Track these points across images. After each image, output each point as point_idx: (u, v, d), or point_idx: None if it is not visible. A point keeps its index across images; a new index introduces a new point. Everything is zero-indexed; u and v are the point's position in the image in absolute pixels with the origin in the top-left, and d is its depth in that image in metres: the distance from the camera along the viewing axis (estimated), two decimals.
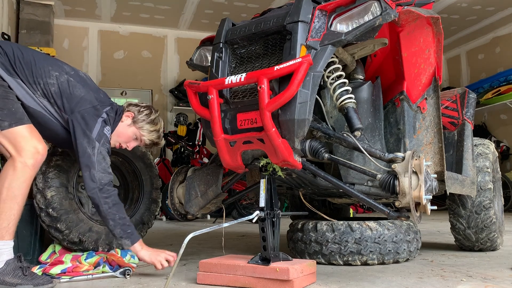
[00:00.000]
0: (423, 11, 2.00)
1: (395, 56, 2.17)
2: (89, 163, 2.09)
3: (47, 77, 2.12)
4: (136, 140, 2.40)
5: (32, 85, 2.08)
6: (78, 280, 2.05)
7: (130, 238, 2.12)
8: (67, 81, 2.17)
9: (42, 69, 2.11)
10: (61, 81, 2.15)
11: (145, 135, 2.37)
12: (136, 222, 2.73)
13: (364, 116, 2.12)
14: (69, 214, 2.39)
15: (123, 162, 2.79)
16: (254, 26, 1.97)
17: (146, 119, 2.36)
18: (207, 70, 2.25)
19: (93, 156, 2.10)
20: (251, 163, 2.03)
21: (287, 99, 1.73)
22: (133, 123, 2.35)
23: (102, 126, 2.17)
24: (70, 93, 2.15)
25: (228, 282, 1.89)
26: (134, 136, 2.37)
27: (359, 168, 1.95)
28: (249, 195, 5.42)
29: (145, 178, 2.83)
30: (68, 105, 2.14)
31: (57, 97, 2.13)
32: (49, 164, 2.40)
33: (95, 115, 2.17)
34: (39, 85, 2.09)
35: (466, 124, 2.84)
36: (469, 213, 2.75)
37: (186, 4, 7.25)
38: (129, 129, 2.35)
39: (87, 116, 2.14)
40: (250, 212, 2.13)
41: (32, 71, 2.09)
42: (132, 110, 2.37)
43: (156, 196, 2.87)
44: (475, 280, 1.95)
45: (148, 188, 2.83)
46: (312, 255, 2.40)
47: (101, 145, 2.14)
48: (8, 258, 1.90)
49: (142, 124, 2.35)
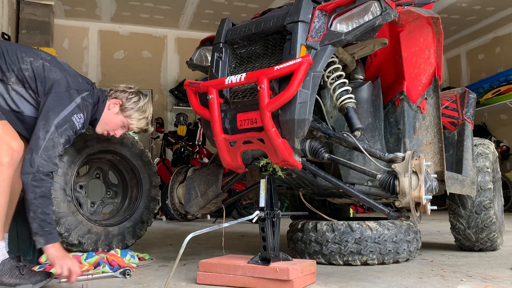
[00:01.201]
0: (423, 11, 2.00)
1: (395, 56, 2.17)
2: (34, 146, 1.96)
3: (21, 63, 2.05)
4: (124, 128, 2.33)
5: (5, 73, 2.01)
6: (78, 280, 2.04)
7: (45, 236, 1.91)
8: (42, 65, 2.09)
9: (15, 56, 2.05)
10: (36, 66, 2.07)
11: (133, 123, 2.30)
12: (135, 220, 2.72)
13: (364, 116, 2.12)
14: (68, 216, 2.39)
15: (120, 160, 2.78)
16: (254, 26, 1.97)
17: (134, 107, 2.28)
18: (207, 70, 2.25)
19: (42, 140, 1.97)
20: (251, 163, 2.03)
21: (287, 99, 1.73)
22: (121, 111, 2.27)
23: (71, 112, 2.06)
24: (44, 76, 2.06)
25: (228, 282, 1.89)
26: (122, 124, 2.30)
27: (359, 168, 1.94)
28: (249, 195, 5.42)
29: (144, 176, 2.81)
30: (41, 88, 2.05)
31: (31, 81, 2.05)
32: None
33: (68, 99, 2.07)
34: (13, 71, 2.02)
35: (466, 124, 2.84)
36: (469, 213, 2.75)
37: (186, 4, 7.25)
38: (117, 117, 2.27)
39: (57, 99, 2.04)
40: (250, 212, 2.13)
41: (5, 60, 2.02)
42: (120, 97, 2.28)
43: (155, 194, 2.85)
44: (475, 280, 1.95)
45: (147, 186, 2.81)
46: (312, 255, 2.40)
47: (59, 132, 2.01)
48: (3, 258, 1.88)
49: (131, 113, 2.28)
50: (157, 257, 2.71)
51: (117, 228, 2.65)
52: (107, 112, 2.26)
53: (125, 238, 2.64)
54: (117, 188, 2.89)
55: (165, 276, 2.11)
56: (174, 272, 1.72)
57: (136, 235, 2.72)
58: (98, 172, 2.82)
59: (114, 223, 2.67)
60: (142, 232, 2.76)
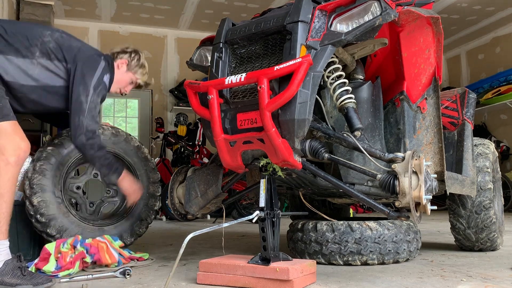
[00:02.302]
0: (423, 11, 2.00)
1: (395, 56, 2.17)
2: (79, 110, 2.20)
3: (42, 36, 2.21)
4: (131, 84, 2.60)
5: (29, 48, 2.15)
6: (78, 280, 2.05)
7: (116, 173, 2.38)
8: (61, 36, 2.28)
9: (35, 32, 2.21)
10: (56, 37, 2.26)
11: (139, 78, 2.60)
12: (133, 218, 2.69)
13: (364, 116, 2.12)
14: (58, 218, 2.39)
15: (116, 158, 2.70)
16: (254, 26, 1.97)
17: (138, 64, 2.56)
18: (207, 70, 2.25)
19: (85, 103, 2.20)
20: (251, 163, 2.03)
21: (287, 99, 1.73)
22: (128, 69, 2.54)
23: (102, 74, 2.30)
24: (68, 45, 2.27)
25: (228, 282, 1.89)
26: (130, 80, 2.57)
27: (359, 168, 1.94)
28: (249, 195, 5.42)
29: (141, 173, 2.76)
30: (69, 56, 2.24)
31: (57, 52, 2.23)
32: (34, 169, 2.38)
33: (95, 62, 2.30)
34: (36, 46, 2.17)
35: (466, 124, 2.84)
36: (469, 213, 2.75)
37: (186, 4, 7.25)
38: (126, 75, 2.54)
39: (88, 64, 2.26)
40: (250, 212, 2.13)
41: (27, 37, 2.17)
42: (125, 57, 2.53)
43: (154, 191, 2.81)
44: (475, 280, 1.95)
45: (145, 183, 2.76)
46: (312, 255, 2.40)
47: (96, 93, 2.26)
48: (6, 258, 1.90)
49: (136, 69, 2.56)
50: (157, 257, 2.71)
51: (113, 227, 2.62)
52: (118, 71, 2.50)
53: (122, 237, 2.62)
54: (117, 186, 2.83)
55: (165, 276, 2.11)
56: (174, 272, 1.72)
57: (135, 233, 2.69)
58: (95, 172, 2.77)
59: (110, 223, 2.65)
60: (141, 230, 2.73)
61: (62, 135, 2.55)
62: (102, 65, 2.33)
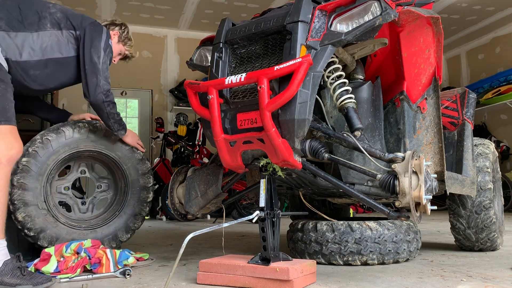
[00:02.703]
0: (423, 11, 2.00)
1: (395, 56, 2.17)
2: (95, 70, 2.32)
3: (48, 8, 2.32)
4: (119, 55, 2.73)
5: (41, 20, 2.26)
6: (78, 280, 2.05)
7: (124, 128, 2.53)
8: (62, 7, 2.41)
9: (40, 5, 2.31)
10: (59, 8, 2.38)
11: (128, 49, 2.74)
12: (126, 215, 2.60)
13: (364, 116, 2.12)
14: (47, 230, 2.35)
15: (99, 154, 2.59)
16: (254, 26, 1.97)
17: (127, 36, 2.71)
18: (207, 70, 2.25)
19: (98, 64, 2.33)
20: (251, 163, 2.03)
21: (287, 99, 1.73)
22: (119, 41, 2.67)
23: (107, 38, 2.43)
24: (72, 13, 2.40)
25: (228, 282, 1.89)
26: (120, 51, 2.70)
27: (359, 168, 1.94)
28: (249, 195, 5.42)
29: (127, 166, 2.62)
30: (76, 22, 2.36)
31: (65, 20, 2.34)
32: (12, 184, 2.26)
33: (100, 27, 2.42)
34: (46, 18, 2.28)
35: (466, 124, 2.84)
36: (469, 213, 2.75)
37: (186, 4, 7.25)
38: (118, 46, 2.67)
39: (94, 28, 2.39)
40: (250, 212, 2.13)
41: (37, 11, 2.27)
42: (116, 29, 2.66)
43: (145, 182, 2.66)
44: (475, 280, 1.95)
45: (134, 176, 2.63)
46: (312, 255, 2.40)
47: (106, 54, 2.39)
48: (5, 258, 1.91)
49: (126, 41, 2.71)
50: (157, 257, 2.71)
51: (107, 227, 2.55)
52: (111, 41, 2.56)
53: (117, 236, 2.56)
54: (108, 179, 2.76)
55: (165, 276, 2.11)
56: (174, 272, 1.72)
57: (130, 229, 2.62)
58: (82, 169, 2.70)
59: (103, 223, 2.56)
60: (136, 225, 2.63)
61: (35, 142, 2.38)
62: (105, 29, 2.46)
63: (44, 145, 2.38)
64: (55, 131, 2.43)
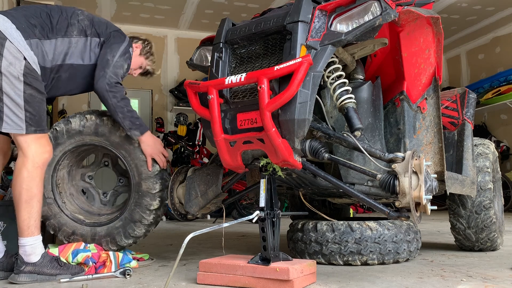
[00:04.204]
0: (423, 11, 2.00)
1: (395, 56, 2.17)
2: (104, 65, 2.29)
3: (76, 15, 2.35)
4: (140, 69, 2.69)
5: (70, 27, 2.28)
6: (78, 280, 2.05)
7: (139, 128, 2.31)
8: (89, 14, 2.44)
9: (70, 12, 2.34)
10: (86, 15, 2.40)
11: (150, 64, 2.70)
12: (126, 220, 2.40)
13: (364, 116, 2.12)
14: (50, 219, 2.42)
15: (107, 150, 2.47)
16: (254, 26, 1.97)
17: (150, 51, 2.69)
18: (207, 70, 2.25)
19: (110, 61, 2.30)
20: (251, 163, 2.03)
21: (287, 99, 1.73)
22: (141, 54, 2.65)
23: (128, 45, 2.42)
24: (98, 20, 2.42)
25: (228, 282, 1.89)
26: (141, 64, 2.66)
27: (359, 168, 1.94)
28: (249, 195, 5.42)
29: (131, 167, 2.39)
30: (100, 29, 2.38)
31: (91, 27, 2.36)
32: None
33: (122, 35, 2.44)
34: (74, 25, 2.30)
35: (466, 124, 2.84)
36: (469, 213, 2.75)
37: (186, 4, 7.25)
38: (139, 59, 2.64)
39: (117, 34, 2.40)
40: (250, 212, 2.13)
41: (66, 18, 2.30)
42: (139, 42, 2.65)
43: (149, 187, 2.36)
44: (475, 280, 1.95)
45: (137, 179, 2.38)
46: (312, 255, 2.40)
47: (123, 58, 2.35)
48: (42, 251, 2.09)
49: (148, 55, 2.68)
50: (157, 257, 2.71)
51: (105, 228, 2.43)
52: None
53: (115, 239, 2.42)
54: (126, 177, 2.66)
55: (165, 276, 2.11)
56: (174, 272, 1.72)
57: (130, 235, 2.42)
58: (106, 159, 2.66)
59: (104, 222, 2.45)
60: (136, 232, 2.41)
61: None
62: (128, 38, 2.47)
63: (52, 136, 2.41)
64: (64, 122, 2.45)
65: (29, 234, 2.05)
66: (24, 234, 2.05)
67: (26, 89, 2.04)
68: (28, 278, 2.02)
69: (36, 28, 2.15)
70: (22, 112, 2.03)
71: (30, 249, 2.05)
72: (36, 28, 2.15)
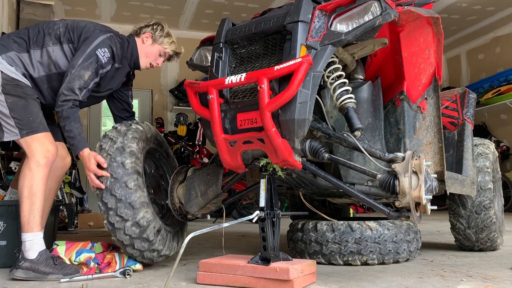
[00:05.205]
0: (423, 11, 2.00)
1: (395, 56, 2.17)
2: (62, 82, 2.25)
3: (54, 25, 2.37)
4: (162, 56, 2.60)
5: (46, 37, 2.31)
6: (78, 280, 2.05)
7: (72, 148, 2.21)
8: (72, 21, 2.41)
9: (50, 25, 2.37)
10: (65, 22, 2.39)
11: (167, 47, 2.58)
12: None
13: (364, 116, 2.12)
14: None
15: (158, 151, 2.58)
16: (254, 26, 1.97)
17: (162, 34, 2.55)
18: (207, 70, 2.25)
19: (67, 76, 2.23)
20: (251, 163, 2.03)
21: (287, 99, 1.73)
22: (154, 41, 2.54)
23: (95, 47, 2.28)
24: (74, 26, 2.38)
25: (228, 282, 1.89)
26: (159, 52, 2.57)
27: (359, 168, 1.94)
28: (249, 195, 5.42)
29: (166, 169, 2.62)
30: (75, 35, 2.34)
31: (65, 34, 2.34)
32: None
33: (93, 37, 2.32)
34: (50, 35, 2.32)
35: (466, 124, 2.84)
36: (469, 213, 2.75)
37: (186, 4, 7.25)
38: (154, 47, 2.55)
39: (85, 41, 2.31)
40: (250, 212, 2.13)
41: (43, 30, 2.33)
42: (148, 30, 2.53)
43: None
44: (475, 280, 1.95)
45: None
46: (312, 255, 2.40)
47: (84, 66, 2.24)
48: (41, 249, 2.11)
49: (162, 40, 2.55)
50: None
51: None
52: (143, 46, 2.52)
53: None
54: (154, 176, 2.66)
55: (165, 276, 2.11)
56: (174, 272, 1.72)
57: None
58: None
59: None
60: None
61: None
62: (100, 39, 2.32)
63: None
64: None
65: (28, 230, 2.09)
66: (24, 229, 2.10)
67: (7, 99, 2.17)
68: (23, 274, 2.05)
69: (15, 44, 2.28)
70: (11, 119, 2.16)
71: (28, 245, 2.09)
72: (16, 44, 2.28)
